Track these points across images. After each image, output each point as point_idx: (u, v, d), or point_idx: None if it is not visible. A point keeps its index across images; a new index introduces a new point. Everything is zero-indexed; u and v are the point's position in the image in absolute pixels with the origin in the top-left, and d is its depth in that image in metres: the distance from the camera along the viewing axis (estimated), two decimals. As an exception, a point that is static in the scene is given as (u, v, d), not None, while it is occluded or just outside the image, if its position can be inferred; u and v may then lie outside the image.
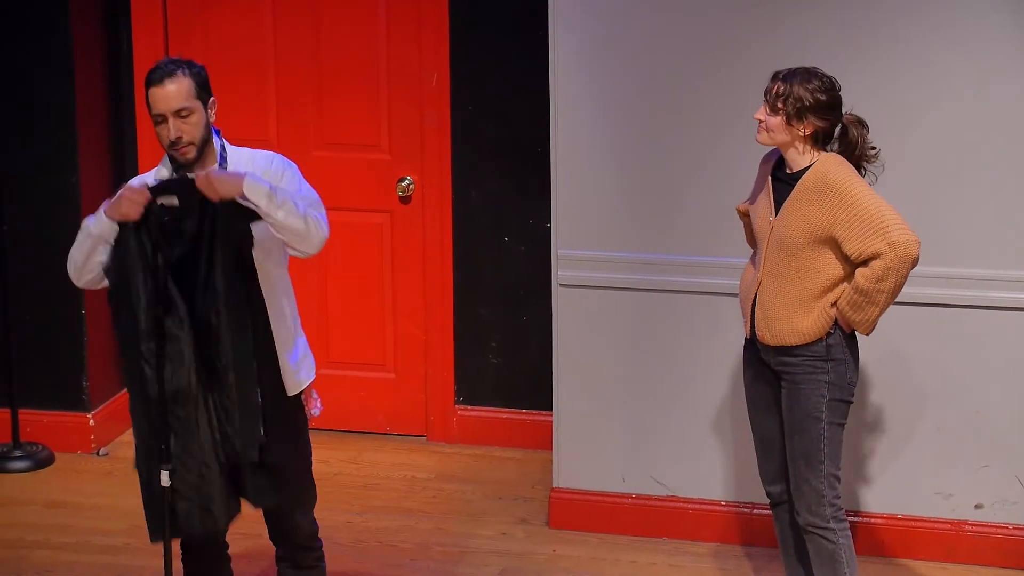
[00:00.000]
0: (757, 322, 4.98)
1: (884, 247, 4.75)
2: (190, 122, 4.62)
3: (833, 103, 4.85)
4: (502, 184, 6.67)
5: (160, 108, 4.61)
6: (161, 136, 4.65)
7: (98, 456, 6.83)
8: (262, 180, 4.56)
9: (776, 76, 4.88)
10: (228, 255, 4.55)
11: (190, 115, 4.62)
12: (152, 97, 4.63)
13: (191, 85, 4.63)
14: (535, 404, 6.76)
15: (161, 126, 4.63)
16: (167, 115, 4.60)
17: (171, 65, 4.64)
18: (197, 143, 4.64)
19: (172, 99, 4.60)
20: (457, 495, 6.46)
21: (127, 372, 4.64)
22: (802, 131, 4.86)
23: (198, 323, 4.56)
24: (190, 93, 4.62)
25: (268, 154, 4.79)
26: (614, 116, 5.83)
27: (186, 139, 4.62)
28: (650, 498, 6.05)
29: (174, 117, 4.60)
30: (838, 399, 4.94)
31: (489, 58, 6.61)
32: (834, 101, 4.86)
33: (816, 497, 4.96)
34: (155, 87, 4.62)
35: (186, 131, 4.62)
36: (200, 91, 4.65)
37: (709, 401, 5.95)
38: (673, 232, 5.86)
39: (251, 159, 4.74)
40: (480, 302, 6.76)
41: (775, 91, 4.84)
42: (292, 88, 6.79)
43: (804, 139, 4.88)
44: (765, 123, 4.87)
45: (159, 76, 4.62)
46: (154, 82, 4.63)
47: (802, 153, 4.89)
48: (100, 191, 6.79)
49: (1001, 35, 5.50)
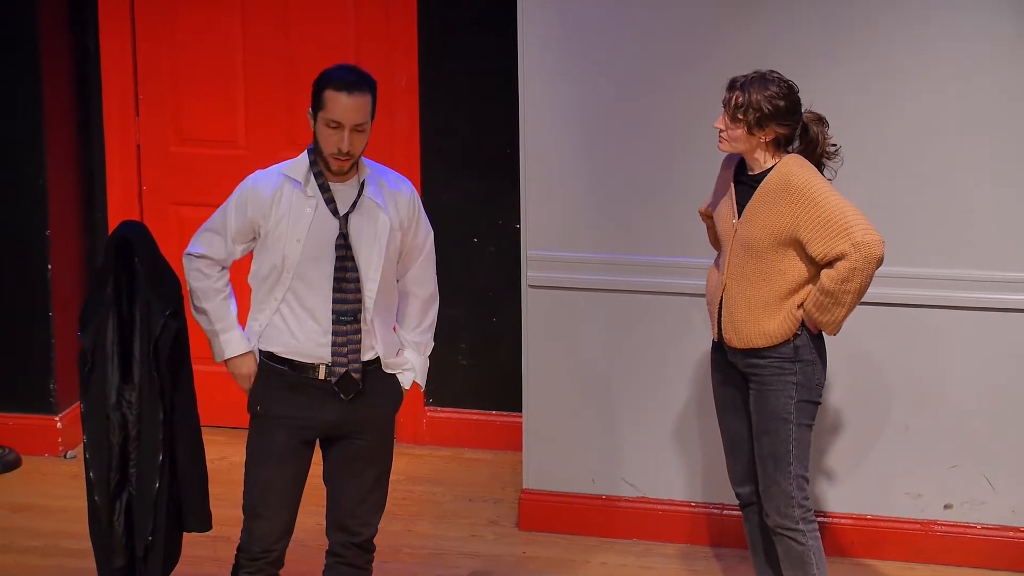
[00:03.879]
0: (724, 325, 4.98)
1: (848, 248, 4.76)
2: (360, 137, 4.62)
3: (792, 107, 4.85)
4: (472, 185, 6.67)
5: (340, 116, 4.57)
6: (326, 139, 4.60)
7: (66, 459, 6.81)
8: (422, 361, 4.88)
9: (733, 85, 4.86)
10: (145, 347, 4.71)
11: (363, 131, 4.62)
12: (336, 102, 4.57)
13: (371, 102, 4.63)
14: (505, 405, 6.76)
15: (332, 131, 4.59)
16: (345, 126, 4.58)
17: (362, 76, 4.62)
18: (356, 157, 4.65)
19: (357, 112, 4.58)
20: (427, 497, 6.45)
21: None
22: (764, 138, 4.86)
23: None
24: (369, 110, 4.62)
25: (408, 191, 4.79)
26: (583, 117, 5.83)
27: (352, 152, 4.61)
28: (620, 499, 6.05)
29: (351, 129, 4.58)
30: (806, 400, 4.94)
31: (458, 58, 6.59)
32: (793, 106, 4.85)
33: (785, 498, 4.96)
34: (345, 94, 4.57)
35: (356, 146, 4.61)
36: (374, 109, 4.65)
37: (680, 402, 5.95)
38: (643, 233, 5.86)
39: (393, 196, 4.74)
40: (450, 303, 6.71)
41: (734, 101, 4.83)
42: (261, 89, 6.77)
43: (765, 145, 4.88)
44: (726, 133, 4.87)
45: (352, 85, 4.58)
46: (345, 88, 4.57)
47: (764, 157, 4.90)
48: (68, 193, 6.77)
49: (971, 35, 5.51)
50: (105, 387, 4.77)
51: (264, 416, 4.78)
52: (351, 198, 4.70)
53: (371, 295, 4.71)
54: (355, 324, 4.70)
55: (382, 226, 4.71)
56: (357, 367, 4.72)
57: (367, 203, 4.71)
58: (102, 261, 4.85)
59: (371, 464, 4.85)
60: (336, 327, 4.69)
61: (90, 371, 4.78)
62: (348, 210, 4.69)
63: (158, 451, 4.77)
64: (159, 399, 4.76)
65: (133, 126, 6.86)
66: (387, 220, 4.72)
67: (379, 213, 4.71)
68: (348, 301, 4.69)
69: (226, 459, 6.46)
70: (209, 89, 6.77)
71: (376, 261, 4.70)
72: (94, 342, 4.77)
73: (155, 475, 4.77)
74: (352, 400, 4.74)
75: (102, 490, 4.81)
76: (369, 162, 4.79)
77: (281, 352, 4.74)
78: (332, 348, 4.69)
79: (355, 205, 4.69)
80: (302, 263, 4.67)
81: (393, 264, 4.77)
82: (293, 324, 4.72)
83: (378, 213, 4.71)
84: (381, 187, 4.74)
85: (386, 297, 4.78)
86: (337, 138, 4.59)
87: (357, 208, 4.70)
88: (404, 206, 4.77)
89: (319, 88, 4.62)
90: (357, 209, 4.70)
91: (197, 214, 6.82)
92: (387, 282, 4.76)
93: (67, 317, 6.70)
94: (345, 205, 4.69)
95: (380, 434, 4.84)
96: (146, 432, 4.77)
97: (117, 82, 6.81)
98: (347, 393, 4.72)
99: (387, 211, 4.72)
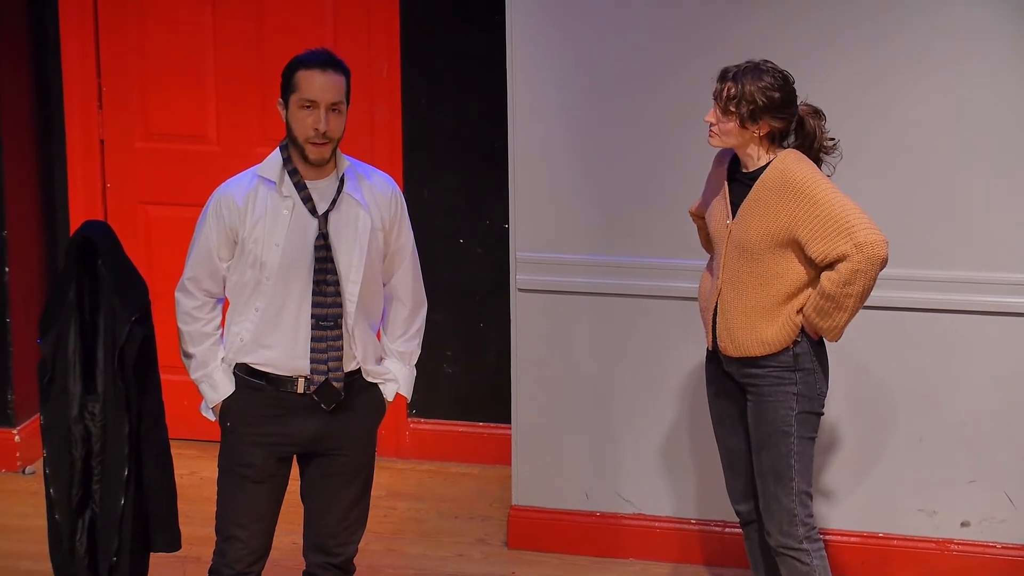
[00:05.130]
0: (719, 333, 4.98)
1: (850, 248, 4.75)
2: (337, 119, 4.62)
3: (787, 100, 4.85)
4: (457, 182, 6.67)
5: (315, 94, 4.58)
6: (300, 122, 4.60)
7: (24, 475, 6.81)
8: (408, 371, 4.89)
9: (725, 75, 4.86)
10: (109, 355, 4.72)
11: (340, 112, 4.63)
12: (307, 80, 4.58)
13: (345, 82, 4.65)
14: (492, 416, 6.76)
15: (306, 112, 4.59)
16: (320, 104, 4.58)
17: (335, 57, 4.64)
18: (334, 143, 4.65)
19: (332, 91, 4.60)
20: (410, 514, 6.45)
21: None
22: (757, 132, 4.86)
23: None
24: (344, 90, 4.64)
25: (390, 188, 4.79)
26: (575, 112, 5.83)
27: (330, 134, 4.61)
28: (615, 516, 6.06)
29: (327, 108, 4.59)
30: (808, 411, 4.94)
31: (443, 48, 6.60)
32: (788, 98, 4.85)
33: (787, 516, 4.95)
34: (316, 71, 4.59)
35: (333, 127, 4.61)
36: (348, 92, 4.66)
37: (678, 412, 5.95)
38: (638, 234, 5.87)
39: (373, 193, 4.75)
40: (434, 308, 6.68)
41: (726, 93, 4.83)
42: (233, 80, 6.77)
43: (759, 139, 4.87)
44: (717, 127, 4.86)
45: (322, 61, 4.61)
46: (315, 65, 4.60)
47: (758, 153, 4.89)
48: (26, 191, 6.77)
49: (979, 33, 5.54)
50: (66, 398, 4.77)
51: (238, 431, 4.76)
52: (330, 195, 4.70)
53: (352, 298, 4.70)
54: (336, 330, 4.69)
55: (363, 225, 4.71)
56: (339, 375, 4.70)
57: (346, 200, 4.71)
58: (63, 264, 4.85)
59: (351, 480, 4.85)
60: (315, 332, 4.68)
61: (50, 381, 4.78)
62: (327, 208, 4.68)
63: (123, 466, 4.77)
64: (124, 410, 4.76)
65: (96, 119, 6.86)
66: (368, 218, 4.71)
67: (359, 211, 4.71)
68: (328, 305, 4.69)
69: (196, 474, 6.47)
70: (178, 80, 6.77)
71: (357, 262, 4.70)
72: (55, 350, 4.77)
73: (120, 492, 4.77)
74: (332, 412, 4.73)
75: (63, 508, 4.80)
76: (348, 157, 4.78)
77: (257, 364, 4.74)
78: (311, 355, 4.69)
79: (334, 202, 4.69)
80: (281, 268, 4.65)
81: (376, 266, 4.76)
82: (269, 333, 4.71)
83: (358, 211, 4.71)
84: (360, 183, 4.74)
85: (368, 301, 4.77)
86: (313, 118, 4.59)
87: (336, 206, 4.69)
88: (386, 204, 4.77)
89: (290, 71, 4.65)
90: (336, 207, 4.69)
91: (165, 213, 6.84)
92: (369, 285, 4.75)
93: (26, 323, 6.69)
94: (324, 203, 4.69)
95: (361, 449, 4.84)
96: (110, 446, 4.77)
97: (78, 72, 6.81)
98: (328, 403, 4.71)
99: (367, 209, 4.72)
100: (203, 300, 4.76)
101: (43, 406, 4.81)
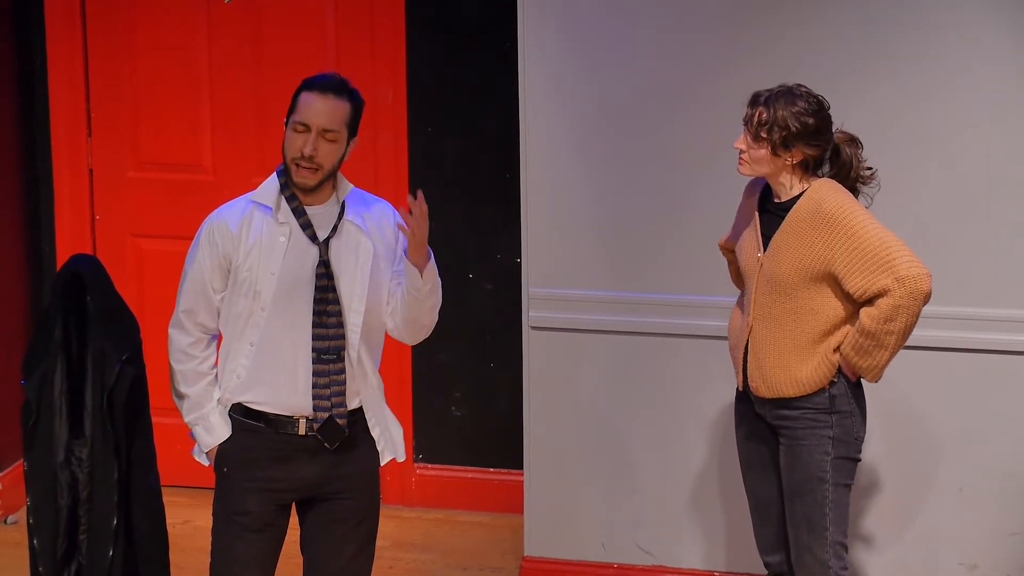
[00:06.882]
0: (750, 372, 4.97)
1: (891, 283, 4.75)
2: (329, 147, 4.65)
3: (822, 126, 4.86)
4: (466, 214, 6.67)
5: (308, 118, 4.64)
6: (291, 144, 4.66)
7: (6, 524, 6.80)
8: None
9: (756, 100, 4.87)
10: (97, 398, 4.73)
11: (334, 140, 4.66)
12: (305, 102, 4.65)
13: (348, 112, 4.68)
14: (503, 462, 6.76)
15: (297, 135, 4.64)
16: (312, 128, 4.63)
17: (340, 82, 4.70)
18: (324, 172, 4.67)
19: (327, 116, 4.64)
20: (416, 565, 6.44)
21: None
22: (790, 160, 4.86)
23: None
24: (344, 119, 4.67)
25: (393, 217, 4.81)
26: (590, 141, 5.84)
27: (317, 160, 4.64)
28: (633, 568, 6.05)
29: (318, 134, 4.63)
30: (844, 456, 4.93)
31: (451, 74, 6.61)
32: (823, 124, 4.86)
33: (821, 568, 4.95)
34: (315, 93, 4.65)
35: (321, 153, 4.64)
36: (352, 122, 4.70)
37: (699, 458, 5.94)
38: (658, 269, 5.87)
39: (375, 220, 4.77)
40: (441, 347, 6.74)
41: (757, 118, 4.84)
42: (229, 109, 6.78)
43: (792, 168, 4.87)
44: (747, 154, 4.87)
45: (324, 85, 4.67)
46: (316, 88, 4.66)
47: (791, 182, 4.89)
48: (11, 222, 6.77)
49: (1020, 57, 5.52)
50: (52, 442, 4.77)
51: (234, 477, 4.76)
52: (330, 221, 4.72)
53: (355, 329, 4.70)
54: (339, 363, 4.70)
55: (364, 252, 4.72)
56: (342, 411, 4.70)
57: (347, 226, 4.72)
58: (49, 300, 4.85)
59: (356, 527, 4.84)
60: (317, 367, 4.68)
61: (35, 424, 4.78)
62: (328, 234, 4.69)
63: (112, 515, 4.76)
64: (113, 456, 4.76)
65: (85, 148, 6.87)
66: (369, 245, 4.72)
67: (360, 237, 4.73)
68: (330, 337, 4.69)
69: (189, 523, 6.46)
70: (171, 108, 6.78)
71: (360, 291, 4.71)
72: (40, 391, 4.77)
73: (108, 542, 4.76)
74: (335, 453, 4.72)
75: (48, 560, 4.80)
76: (357, 193, 4.81)
77: (253, 403, 4.73)
78: (313, 391, 4.68)
79: (336, 229, 4.70)
80: (277, 298, 4.66)
81: (379, 296, 4.76)
82: (267, 370, 4.70)
83: (360, 237, 4.73)
84: (361, 209, 4.74)
85: (372, 332, 4.76)
86: (301, 141, 4.63)
87: (337, 232, 4.70)
88: (389, 233, 4.77)
89: (297, 92, 4.71)
90: (337, 234, 4.70)
91: (157, 247, 6.84)
92: (372, 315, 4.74)
93: (9, 363, 6.69)
94: (323, 229, 4.70)
95: (365, 494, 4.83)
96: (98, 493, 4.77)
97: (66, 97, 6.82)
98: (332, 442, 4.71)
99: (369, 236, 4.71)
100: (198, 336, 4.76)
101: (27, 451, 4.81)
